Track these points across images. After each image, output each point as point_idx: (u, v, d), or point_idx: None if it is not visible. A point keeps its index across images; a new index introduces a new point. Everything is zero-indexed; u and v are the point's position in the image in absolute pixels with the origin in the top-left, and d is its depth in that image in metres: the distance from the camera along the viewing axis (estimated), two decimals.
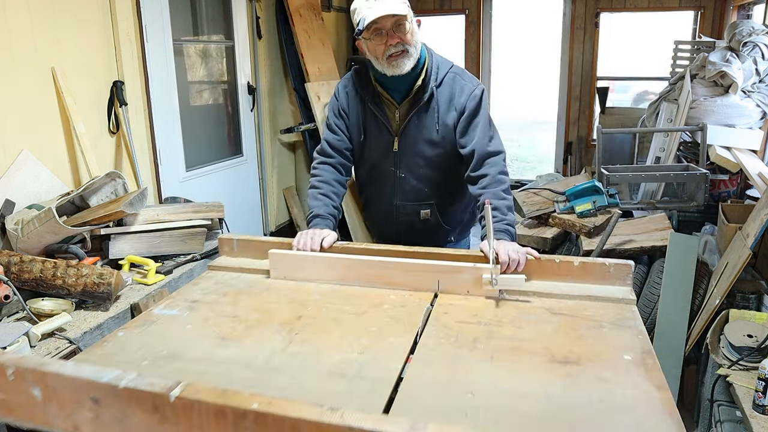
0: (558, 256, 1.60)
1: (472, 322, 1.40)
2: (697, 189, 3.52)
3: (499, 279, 1.50)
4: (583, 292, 1.52)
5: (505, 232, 1.69)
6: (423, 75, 1.85)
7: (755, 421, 1.76)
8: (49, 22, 2.55)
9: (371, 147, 1.98)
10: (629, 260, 1.56)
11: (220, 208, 2.59)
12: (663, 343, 2.62)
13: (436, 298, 1.56)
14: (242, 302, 1.56)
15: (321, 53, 4.55)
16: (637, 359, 1.21)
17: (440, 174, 1.98)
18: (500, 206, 1.73)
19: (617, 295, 1.51)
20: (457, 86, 1.87)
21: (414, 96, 1.86)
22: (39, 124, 2.53)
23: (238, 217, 4.01)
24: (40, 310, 1.85)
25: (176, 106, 3.45)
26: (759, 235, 2.38)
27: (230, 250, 1.88)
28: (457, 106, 1.86)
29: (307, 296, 1.58)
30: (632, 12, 5.43)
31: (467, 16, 5.76)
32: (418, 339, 1.33)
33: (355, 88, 1.94)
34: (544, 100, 10.61)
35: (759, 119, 3.89)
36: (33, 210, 2.22)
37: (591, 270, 1.57)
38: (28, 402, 1.07)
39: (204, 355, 1.28)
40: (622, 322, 1.38)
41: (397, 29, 1.73)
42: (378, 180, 2.03)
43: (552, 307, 1.47)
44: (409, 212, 2.03)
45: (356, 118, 1.96)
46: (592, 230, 3.28)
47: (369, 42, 1.77)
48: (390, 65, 1.77)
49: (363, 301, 1.54)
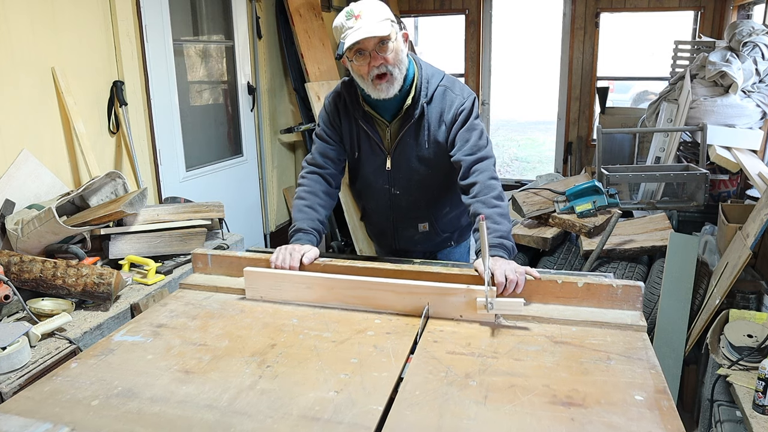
0: (560, 276, 1.47)
1: (465, 353, 1.27)
2: (697, 189, 3.52)
3: (495, 303, 1.37)
4: (588, 317, 1.40)
5: (499, 247, 1.56)
6: (413, 93, 1.79)
7: (755, 421, 1.76)
8: (49, 22, 2.55)
9: (365, 164, 1.94)
10: (639, 282, 1.43)
11: (220, 208, 2.59)
12: (663, 343, 2.62)
13: (426, 322, 1.42)
14: (212, 327, 1.43)
15: (321, 53, 4.55)
16: (650, 400, 1.08)
17: (435, 190, 1.95)
18: (492, 215, 1.63)
19: (626, 321, 1.37)
20: (447, 101, 1.82)
21: (404, 114, 1.81)
22: (39, 124, 2.53)
23: (238, 217, 4.01)
24: (40, 310, 1.85)
25: (176, 106, 3.45)
26: (759, 235, 2.39)
27: (204, 267, 1.74)
28: (446, 122, 1.82)
29: (283, 320, 1.46)
30: (632, 12, 5.43)
31: (467, 16, 5.76)
32: (402, 375, 1.20)
33: (345, 104, 1.88)
34: (544, 100, 10.63)
35: (759, 119, 3.90)
36: (33, 210, 2.23)
37: (597, 292, 1.43)
38: None
39: (162, 393, 1.15)
40: (631, 354, 1.25)
41: (380, 49, 1.66)
42: (374, 196, 2.01)
43: (554, 335, 1.34)
44: (407, 226, 2.02)
45: (349, 134, 1.91)
46: (592, 230, 3.28)
47: (352, 63, 1.70)
48: (375, 89, 1.71)
49: (344, 326, 1.41)
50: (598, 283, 1.44)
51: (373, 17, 1.64)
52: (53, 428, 0.96)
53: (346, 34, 1.65)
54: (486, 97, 5.97)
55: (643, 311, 1.43)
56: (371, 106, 1.83)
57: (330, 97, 1.93)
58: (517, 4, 11.37)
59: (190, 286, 1.69)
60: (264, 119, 4.35)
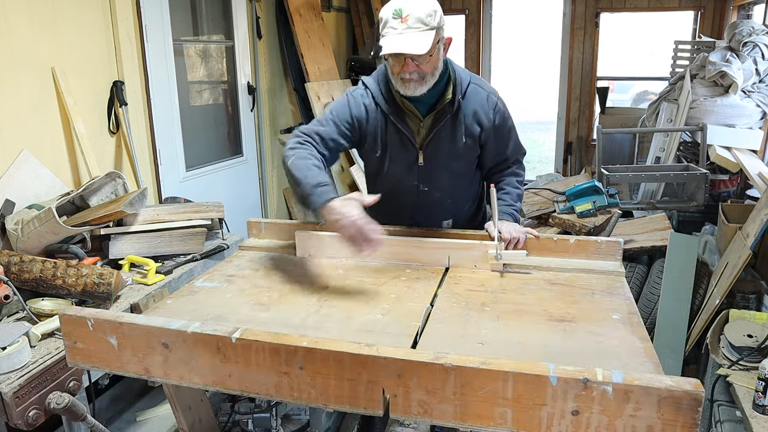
0: (555, 235, 1.79)
1: (480, 290, 1.58)
2: (697, 189, 3.52)
3: (503, 254, 1.68)
4: (578, 266, 1.70)
5: (509, 215, 1.88)
6: (451, 87, 1.79)
7: (755, 421, 1.76)
8: (49, 22, 2.55)
9: (393, 161, 1.89)
10: (619, 238, 1.76)
11: (220, 208, 2.59)
12: (663, 343, 2.62)
13: (447, 271, 1.72)
14: (274, 276, 1.71)
15: (321, 53, 4.55)
16: (624, 318, 1.39)
17: (461, 184, 1.96)
18: (512, 193, 1.94)
19: (608, 269, 1.68)
20: (481, 98, 1.83)
21: (441, 109, 1.80)
22: (39, 124, 2.53)
23: (238, 217, 4.00)
24: (40, 310, 1.85)
25: (176, 106, 3.45)
26: (759, 235, 2.39)
27: (258, 233, 2.03)
28: (483, 121, 1.84)
29: (331, 271, 1.74)
30: (632, 12, 5.43)
31: (467, 16, 5.76)
32: (432, 304, 1.49)
33: (375, 100, 1.83)
34: (544, 100, 10.63)
35: (759, 119, 3.90)
36: (33, 210, 2.22)
37: (585, 247, 1.74)
38: (105, 349, 1.26)
39: (247, 318, 1.43)
40: (612, 290, 1.56)
41: (416, 58, 1.64)
42: (398, 195, 1.95)
43: (550, 279, 1.65)
44: (431, 224, 1.98)
45: (375, 132, 1.85)
46: (592, 230, 3.28)
47: (387, 61, 1.71)
48: (403, 85, 1.70)
49: (382, 274, 1.71)
50: (586, 239, 1.75)
51: (419, 24, 1.60)
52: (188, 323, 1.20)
53: (387, 34, 1.63)
54: None
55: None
56: (409, 99, 1.79)
57: (356, 92, 1.86)
58: (517, 4, 11.38)
59: (248, 248, 1.96)
60: (264, 119, 4.35)
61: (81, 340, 1.27)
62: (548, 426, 1.01)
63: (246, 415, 2.12)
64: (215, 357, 1.17)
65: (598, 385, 0.97)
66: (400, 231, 1.88)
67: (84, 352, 1.28)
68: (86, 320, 1.25)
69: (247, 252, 1.94)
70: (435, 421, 1.07)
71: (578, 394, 0.98)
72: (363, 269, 1.75)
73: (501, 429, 1.04)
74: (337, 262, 1.80)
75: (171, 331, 1.19)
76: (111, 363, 1.27)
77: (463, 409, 1.05)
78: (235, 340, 1.14)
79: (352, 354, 1.07)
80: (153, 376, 1.25)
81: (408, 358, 1.04)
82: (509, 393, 1.02)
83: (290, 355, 1.11)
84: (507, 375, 1.01)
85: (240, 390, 1.18)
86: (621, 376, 0.97)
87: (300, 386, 1.13)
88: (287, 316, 1.44)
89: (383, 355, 1.05)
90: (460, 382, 1.03)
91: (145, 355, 1.23)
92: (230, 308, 1.49)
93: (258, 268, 1.78)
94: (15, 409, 1.51)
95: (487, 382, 1.02)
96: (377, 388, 1.07)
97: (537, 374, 0.99)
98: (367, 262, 1.79)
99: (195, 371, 1.20)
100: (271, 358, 1.12)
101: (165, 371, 1.23)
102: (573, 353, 1.23)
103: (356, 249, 1.52)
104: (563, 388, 0.99)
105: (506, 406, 1.03)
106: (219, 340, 1.15)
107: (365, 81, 1.87)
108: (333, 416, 1.81)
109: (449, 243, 1.76)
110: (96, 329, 1.25)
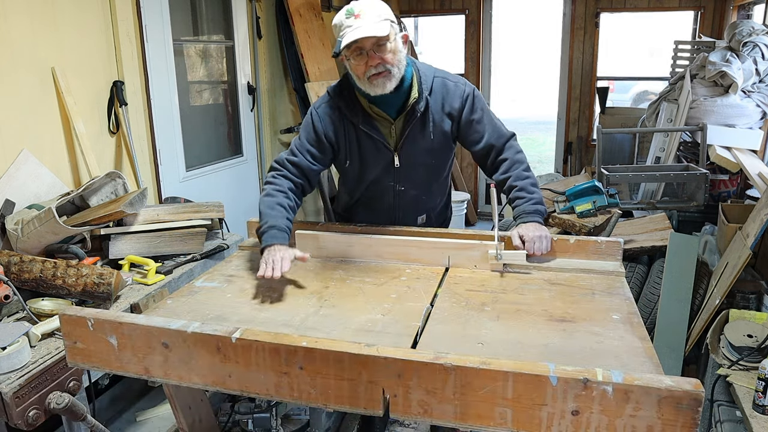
0: (555, 235, 1.79)
1: (480, 290, 1.59)
2: (697, 189, 3.51)
3: (503, 254, 1.68)
4: (578, 266, 1.71)
5: (535, 213, 1.79)
6: (416, 86, 1.81)
7: (755, 421, 1.76)
8: (49, 22, 2.55)
9: (368, 168, 1.91)
10: (619, 238, 1.76)
11: (220, 208, 2.59)
12: (663, 343, 2.61)
13: (447, 271, 1.73)
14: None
15: (321, 53, 4.55)
16: (624, 318, 1.40)
17: (436, 179, 1.99)
18: (525, 186, 1.84)
19: (608, 269, 1.69)
20: (448, 90, 1.84)
21: (410, 109, 1.82)
22: (39, 124, 2.53)
23: (238, 217, 3.99)
24: (40, 310, 1.85)
25: (176, 106, 3.45)
26: (759, 235, 2.38)
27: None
28: (451, 112, 1.85)
29: (331, 271, 1.76)
30: (632, 12, 5.42)
31: (467, 16, 5.76)
32: (432, 304, 1.50)
33: (341, 111, 1.84)
34: (544, 100, 10.63)
35: (759, 119, 3.89)
36: (33, 210, 2.22)
37: (585, 247, 1.76)
38: (105, 349, 1.26)
39: (247, 317, 1.46)
40: (612, 291, 1.56)
41: (378, 49, 1.66)
42: (376, 198, 2.00)
43: (550, 279, 1.66)
44: (407, 221, 2.04)
45: (346, 142, 1.87)
46: (592, 230, 3.27)
47: (349, 62, 1.72)
48: (371, 85, 1.70)
49: (382, 274, 1.73)
50: (586, 239, 1.76)
51: (373, 17, 1.64)
52: (188, 323, 1.20)
53: (344, 33, 1.65)
54: (486, 97, 5.97)
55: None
56: (375, 104, 1.82)
57: (320, 108, 1.88)
58: (517, 4, 11.37)
59: (247, 248, 1.98)
60: (264, 119, 4.35)
61: (81, 340, 1.27)
62: (548, 426, 1.02)
63: (246, 415, 2.12)
64: (215, 357, 1.17)
65: (598, 385, 0.97)
66: (400, 231, 1.90)
67: (84, 352, 1.28)
68: (86, 320, 1.25)
69: (246, 252, 1.95)
70: (435, 421, 1.08)
71: (578, 394, 0.98)
72: (363, 269, 1.77)
73: (501, 429, 1.05)
74: (337, 262, 1.82)
75: (171, 331, 1.19)
76: (111, 363, 1.27)
77: (463, 409, 1.05)
78: (235, 340, 1.14)
79: (352, 354, 1.07)
80: (153, 376, 1.25)
81: (408, 358, 1.05)
82: (509, 393, 1.02)
83: (290, 355, 1.12)
84: (507, 375, 1.01)
85: (240, 390, 1.18)
86: (621, 376, 0.97)
87: (300, 386, 1.13)
88: (287, 316, 1.46)
89: (383, 355, 1.06)
90: (460, 382, 1.03)
91: (145, 355, 1.23)
92: (230, 308, 1.51)
93: (257, 267, 1.75)
94: (15, 409, 1.51)
95: (487, 382, 1.02)
96: (377, 388, 1.08)
97: (537, 374, 1.00)
98: (367, 262, 1.81)
99: (195, 371, 1.20)
100: (271, 358, 1.13)
101: (165, 371, 1.23)
102: (573, 353, 1.24)
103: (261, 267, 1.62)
104: (563, 388, 0.99)
105: (506, 406, 1.03)
106: (219, 340, 1.16)
107: (330, 91, 1.88)
108: (333, 416, 1.81)
109: (449, 243, 1.76)
110: (96, 329, 1.25)
